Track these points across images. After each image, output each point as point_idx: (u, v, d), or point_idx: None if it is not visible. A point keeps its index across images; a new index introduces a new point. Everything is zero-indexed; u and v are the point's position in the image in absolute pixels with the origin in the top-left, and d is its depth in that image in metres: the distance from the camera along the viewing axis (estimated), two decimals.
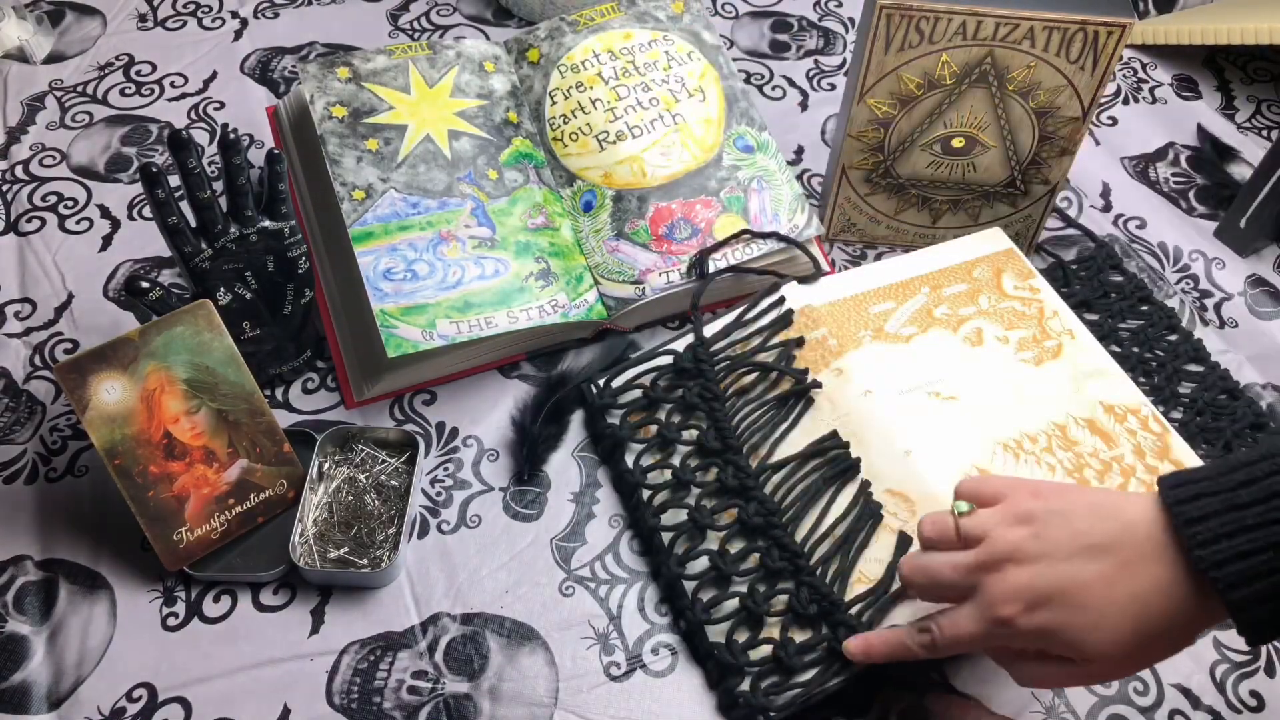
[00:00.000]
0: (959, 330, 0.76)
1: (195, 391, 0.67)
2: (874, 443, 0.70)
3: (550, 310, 0.77)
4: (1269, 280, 0.90)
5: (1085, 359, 0.74)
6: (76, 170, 0.93)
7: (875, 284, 0.79)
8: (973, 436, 0.70)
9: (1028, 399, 0.72)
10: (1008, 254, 0.82)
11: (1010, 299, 0.78)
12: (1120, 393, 0.72)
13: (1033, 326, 0.76)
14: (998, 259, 0.81)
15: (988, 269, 0.80)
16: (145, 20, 1.08)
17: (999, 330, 0.76)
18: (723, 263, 0.80)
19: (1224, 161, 0.99)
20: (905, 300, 0.78)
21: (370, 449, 0.73)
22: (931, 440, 0.70)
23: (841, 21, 1.12)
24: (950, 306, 0.78)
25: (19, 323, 0.82)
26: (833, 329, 0.77)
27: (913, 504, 0.67)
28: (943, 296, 0.79)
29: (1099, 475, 0.68)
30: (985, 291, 0.79)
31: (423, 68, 0.84)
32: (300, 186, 0.85)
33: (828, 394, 0.73)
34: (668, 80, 0.86)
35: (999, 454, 0.69)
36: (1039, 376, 0.74)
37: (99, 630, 0.66)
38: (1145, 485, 0.67)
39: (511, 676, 0.64)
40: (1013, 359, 0.75)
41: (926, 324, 0.77)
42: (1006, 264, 0.81)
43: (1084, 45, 0.75)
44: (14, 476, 0.73)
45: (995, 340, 0.76)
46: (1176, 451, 0.70)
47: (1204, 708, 0.65)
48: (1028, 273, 0.80)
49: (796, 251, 0.82)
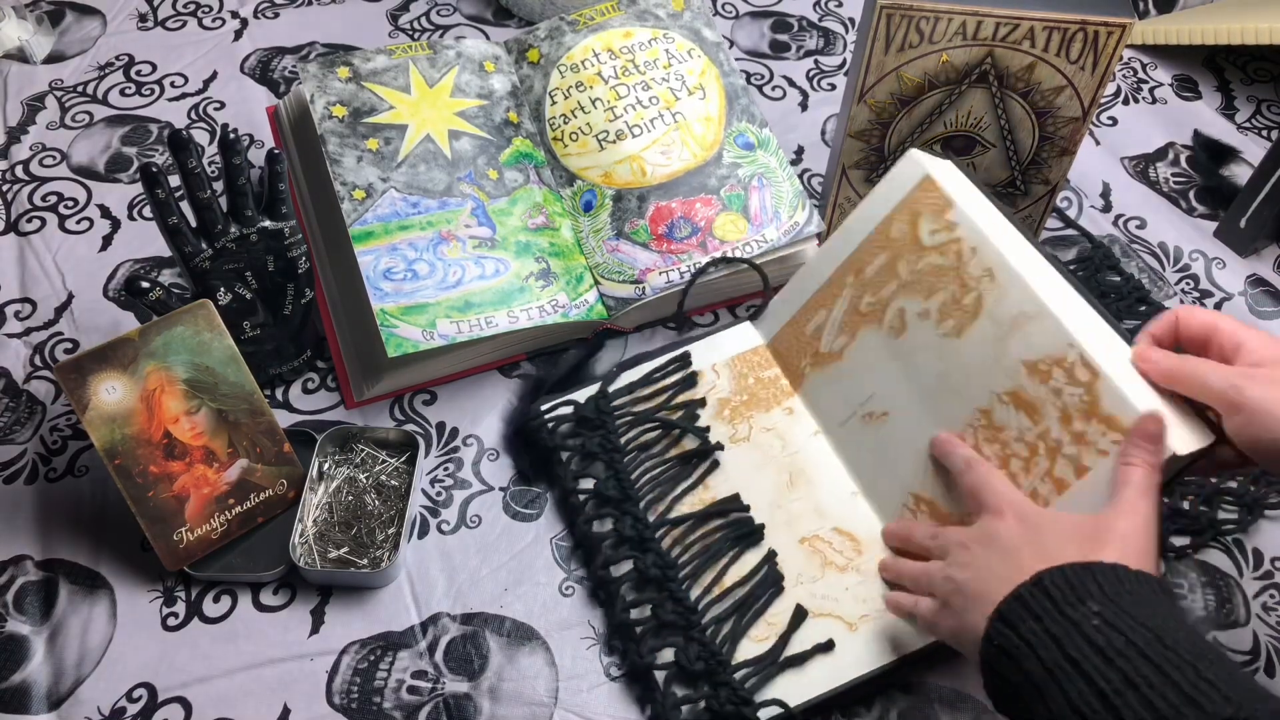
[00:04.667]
0: (884, 321, 0.70)
1: (195, 391, 0.67)
2: (823, 483, 0.70)
3: (550, 310, 0.77)
4: (1269, 280, 0.90)
5: (1005, 304, 0.63)
6: (76, 170, 0.93)
7: (806, 294, 0.75)
8: (905, 458, 0.67)
9: (953, 387, 0.66)
10: (925, 185, 0.69)
11: (927, 252, 0.68)
12: (1042, 340, 0.61)
13: (950, 281, 0.66)
14: (914, 199, 0.69)
15: (905, 220, 0.70)
16: (145, 20, 1.08)
17: (919, 304, 0.68)
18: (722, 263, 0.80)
19: (1218, 165, 0.99)
20: (833, 303, 0.73)
21: (370, 449, 0.73)
22: (872, 474, 0.69)
23: (841, 21, 1.12)
24: (873, 292, 0.71)
25: (19, 323, 0.82)
26: (783, 366, 0.76)
27: (859, 544, 0.67)
28: (865, 281, 0.71)
29: (1026, 465, 0.61)
30: (904, 255, 0.69)
31: (423, 68, 0.84)
32: (300, 186, 0.85)
33: (779, 433, 0.73)
34: (668, 78, 0.86)
35: (930, 471, 0.66)
36: (962, 350, 0.65)
37: (99, 630, 0.66)
38: (1071, 462, 0.59)
39: (511, 676, 0.64)
40: (935, 338, 0.67)
41: (855, 326, 0.72)
42: (923, 202, 0.69)
43: (1084, 45, 0.75)
44: (14, 476, 0.73)
45: (917, 319, 0.68)
46: (1106, 404, 0.58)
47: None
48: (944, 204, 0.67)
49: (795, 250, 0.82)
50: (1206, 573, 0.71)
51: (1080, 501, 0.58)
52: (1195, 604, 0.69)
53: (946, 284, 0.67)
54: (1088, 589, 0.47)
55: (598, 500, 0.71)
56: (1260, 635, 0.68)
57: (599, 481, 0.71)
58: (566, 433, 0.74)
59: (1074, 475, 0.59)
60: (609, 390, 0.75)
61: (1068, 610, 0.47)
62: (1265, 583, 0.71)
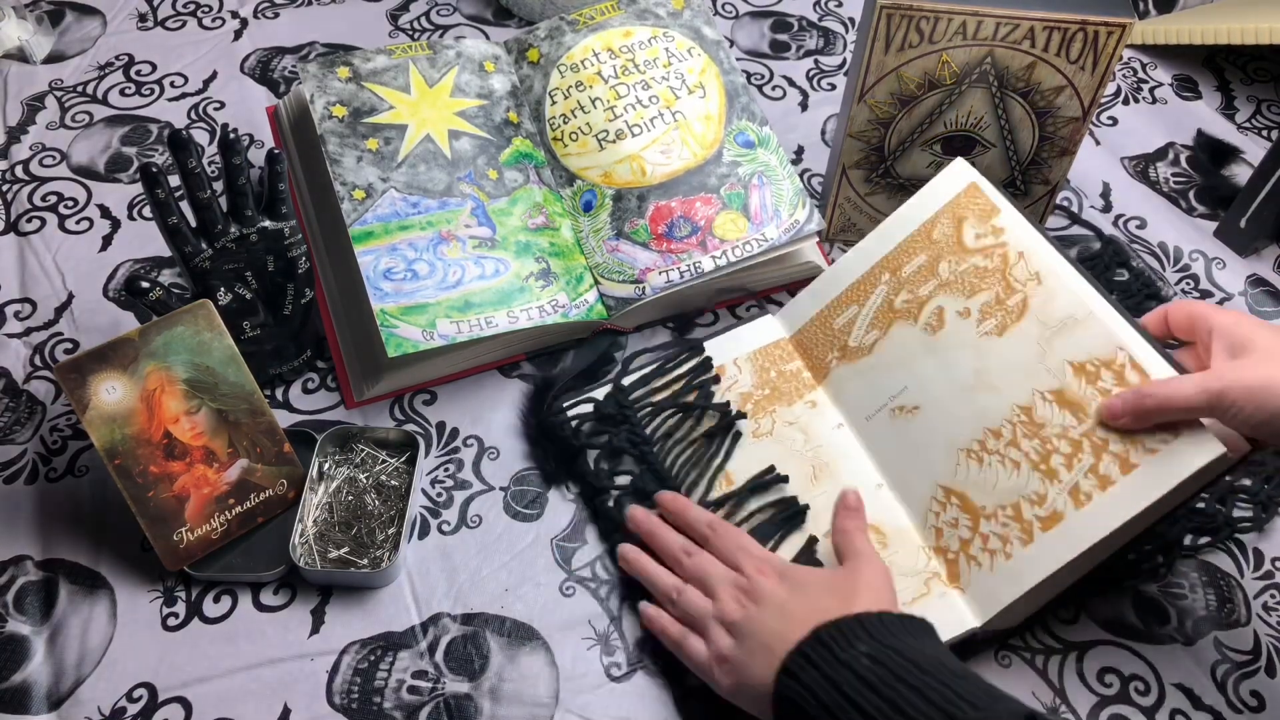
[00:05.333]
0: (920, 318, 0.71)
1: (195, 391, 0.67)
2: (847, 476, 0.70)
3: (550, 310, 0.77)
4: (1269, 280, 0.90)
5: (1053, 307, 0.66)
6: (76, 170, 0.93)
7: (838, 289, 0.76)
8: (936, 451, 0.68)
9: (992, 384, 0.67)
10: (970, 191, 0.72)
11: (971, 254, 0.70)
12: (1091, 343, 0.64)
13: (995, 284, 0.69)
14: (959, 204, 0.72)
15: (949, 223, 0.72)
16: (145, 20, 1.08)
17: (959, 303, 0.70)
18: (722, 260, 0.80)
19: (1219, 165, 0.99)
20: (866, 299, 0.74)
21: (370, 449, 0.73)
22: (899, 467, 0.70)
23: (841, 21, 1.12)
24: (910, 289, 0.72)
25: (19, 323, 0.82)
26: (806, 359, 0.77)
27: (884, 536, 0.67)
28: (903, 279, 0.73)
29: (1068, 460, 0.63)
30: (945, 256, 0.71)
31: (423, 67, 0.84)
32: (300, 186, 0.85)
33: (802, 427, 0.73)
34: (668, 77, 0.86)
35: (962, 464, 0.67)
36: (1003, 350, 0.67)
37: (99, 630, 0.66)
38: (1117, 459, 0.61)
39: (512, 677, 0.64)
40: (974, 336, 0.69)
41: (888, 322, 0.73)
42: (968, 207, 0.72)
43: (1084, 45, 0.75)
44: (14, 476, 0.73)
45: (956, 317, 0.70)
46: None
47: (1205, 707, 0.65)
48: (990, 210, 0.71)
49: (795, 249, 0.82)
50: (1207, 573, 0.71)
51: (1122, 500, 0.60)
52: (1196, 604, 0.69)
53: (990, 285, 0.69)
54: (857, 634, 0.54)
55: (636, 495, 0.71)
56: (1261, 635, 0.68)
57: (635, 477, 0.72)
58: (589, 431, 0.74)
59: (1119, 471, 0.60)
60: (624, 384, 0.76)
61: (841, 655, 0.53)
62: (1266, 583, 0.71)
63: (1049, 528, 0.62)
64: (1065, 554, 0.61)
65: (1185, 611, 0.69)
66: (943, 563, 0.66)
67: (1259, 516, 0.73)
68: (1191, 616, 0.69)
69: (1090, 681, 0.65)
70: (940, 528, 0.67)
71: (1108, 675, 0.66)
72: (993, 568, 0.64)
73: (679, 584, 0.64)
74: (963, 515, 0.66)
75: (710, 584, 0.63)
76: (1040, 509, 0.63)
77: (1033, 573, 0.62)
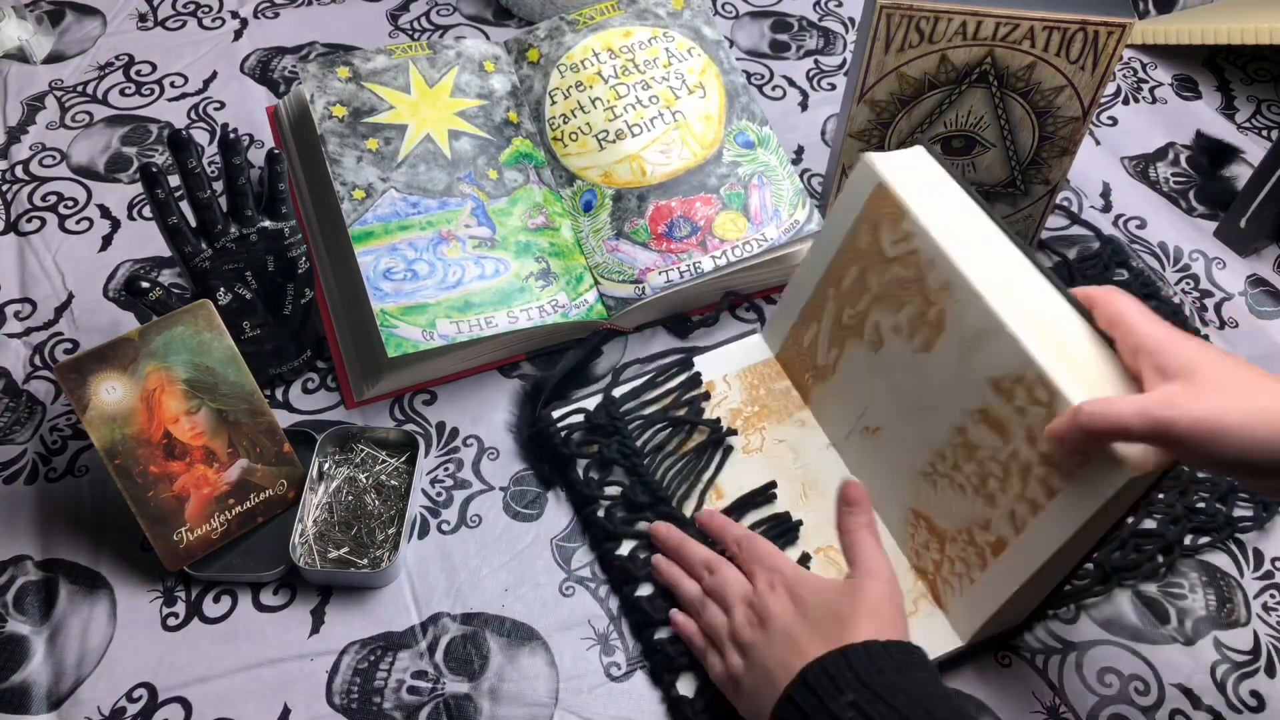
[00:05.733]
0: (864, 335, 0.68)
1: (195, 391, 0.67)
2: (834, 498, 0.68)
3: (550, 310, 0.77)
4: (1269, 280, 0.90)
5: (967, 320, 0.60)
6: (76, 170, 0.93)
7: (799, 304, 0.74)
8: (901, 473, 0.67)
9: (931, 405, 0.64)
10: (878, 194, 0.65)
11: (891, 264, 0.65)
12: (1003, 358, 0.58)
13: (914, 295, 0.63)
14: (872, 208, 0.66)
15: (867, 230, 0.66)
16: (145, 20, 1.08)
17: (891, 317, 0.65)
18: (722, 260, 0.80)
19: (1218, 166, 0.99)
20: (821, 316, 0.72)
21: (370, 449, 0.73)
22: (876, 488, 0.68)
23: (841, 21, 1.12)
24: (851, 305, 0.69)
25: (19, 323, 0.82)
26: (791, 378, 0.77)
27: None
28: (844, 294, 0.69)
29: (1001, 484, 0.59)
30: (872, 267, 0.66)
31: (423, 67, 0.84)
32: (300, 186, 0.85)
33: (792, 445, 0.73)
34: (668, 77, 0.86)
35: (923, 487, 0.65)
36: (933, 368, 0.63)
37: (99, 630, 0.66)
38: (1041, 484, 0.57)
39: (511, 677, 0.64)
40: (908, 353, 0.64)
41: (842, 339, 0.70)
42: (881, 211, 0.65)
43: (1084, 45, 0.75)
44: (14, 476, 0.73)
45: (891, 333, 0.66)
46: None
47: (1205, 707, 0.65)
48: (897, 215, 0.64)
49: (795, 250, 0.82)
50: (1207, 573, 0.71)
51: (1051, 526, 0.56)
52: (1196, 604, 0.69)
53: (911, 297, 0.64)
54: (844, 677, 0.53)
55: (628, 506, 0.70)
56: (1260, 635, 0.68)
57: (626, 489, 0.71)
58: (579, 440, 0.74)
59: (1045, 497, 0.57)
60: (615, 395, 0.75)
61: (829, 703, 0.53)
62: (1266, 583, 0.71)
63: (998, 553, 0.60)
64: (1016, 579, 0.59)
65: (1185, 611, 0.69)
66: (926, 584, 0.66)
67: (1259, 516, 0.73)
68: (1191, 616, 0.69)
69: (1090, 681, 0.65)
70: (918, 550, 0.67)
71: (1108, 675, 0.66)
72: (962, 591, 0.64)
73: (703, 596, 0.65)
74: (931, 539, 0.65)
75: (727, 601, 0.63)
76: (988, 534, 0.61)
77: (994, 597, 0.61)
